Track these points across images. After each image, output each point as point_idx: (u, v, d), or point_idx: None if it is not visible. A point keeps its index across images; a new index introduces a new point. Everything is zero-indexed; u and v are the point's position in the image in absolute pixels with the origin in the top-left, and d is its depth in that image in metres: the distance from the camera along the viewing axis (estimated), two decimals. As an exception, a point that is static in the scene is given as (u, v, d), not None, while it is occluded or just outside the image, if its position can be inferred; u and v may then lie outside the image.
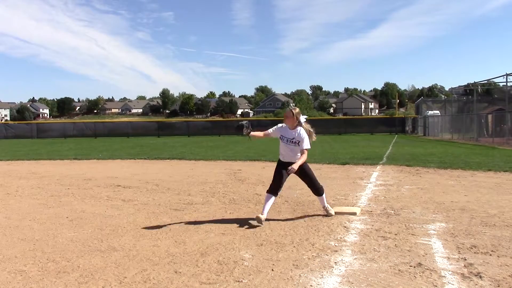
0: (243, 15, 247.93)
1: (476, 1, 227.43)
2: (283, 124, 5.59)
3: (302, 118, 5.55)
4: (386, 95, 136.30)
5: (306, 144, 5.43)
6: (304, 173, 5.59)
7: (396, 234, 4.77)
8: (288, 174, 5.48)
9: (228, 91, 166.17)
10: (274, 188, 5.49)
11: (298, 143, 5.43)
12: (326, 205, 5.79)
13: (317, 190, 5.64)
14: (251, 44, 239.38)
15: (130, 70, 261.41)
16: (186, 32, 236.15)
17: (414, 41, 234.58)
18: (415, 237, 4.65)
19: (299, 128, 5.49)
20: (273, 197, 5.52)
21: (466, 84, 33.61)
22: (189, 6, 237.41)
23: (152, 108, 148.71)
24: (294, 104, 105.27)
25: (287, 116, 5.51)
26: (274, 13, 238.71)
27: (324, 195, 5.73)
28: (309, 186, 5.68)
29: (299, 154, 5.47)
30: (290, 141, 5.47)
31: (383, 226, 5.16)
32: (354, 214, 5.77)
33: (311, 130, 5.61)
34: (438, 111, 35.98)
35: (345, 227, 5.16)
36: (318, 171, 10.86)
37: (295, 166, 5.32)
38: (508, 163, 11.74)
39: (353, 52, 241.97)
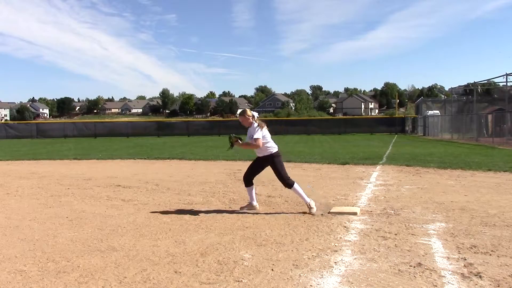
0: (244, 17, 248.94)
1: (471, 4, 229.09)
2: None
3: (255, 114, 6.07)
4: (386, 95, 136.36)
5: (256, 135, 5.87)
6: (274, 167, 6.01)
7: (396, 234, 4.77)
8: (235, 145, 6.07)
9: (228, 91, 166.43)
10: (244, 178, 6.19)
11: (252, 137, 5.94)
12: (308, 200, 5.93)
13: (286, 184, 5.94)
14: (251, 45, 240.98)
15: (131, 70, 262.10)
16: (188, 34, 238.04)
17: (413, 42, 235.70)
18: (415, 237, 4.65)
19: (254, 123, 5.97)
20: (248, 187, 6.19)
21: (466, 84, 33.52)
22: (191, 9, 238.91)
23: (152, 108, 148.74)
24: (293, 104, 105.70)
25: (241, 119, 6.06)
26: (274, 15, 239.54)
27: (300, 190, 5.95)
28: (278, 179, 6.04)
29: (266, 145, 5.93)
30: (250, 138, 6.00)
31: (383, 226, 5.17)
32: (354, 214, 5.77)
33: (263, 124, 6.04)
34: (438, 111, 35.96)
35: (345, 227, 5.16)
36: (318, 171, 10.88)
37: (242, 142, 6.04)
38: (508, 163, 11.74)
39: (353, 53, 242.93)
